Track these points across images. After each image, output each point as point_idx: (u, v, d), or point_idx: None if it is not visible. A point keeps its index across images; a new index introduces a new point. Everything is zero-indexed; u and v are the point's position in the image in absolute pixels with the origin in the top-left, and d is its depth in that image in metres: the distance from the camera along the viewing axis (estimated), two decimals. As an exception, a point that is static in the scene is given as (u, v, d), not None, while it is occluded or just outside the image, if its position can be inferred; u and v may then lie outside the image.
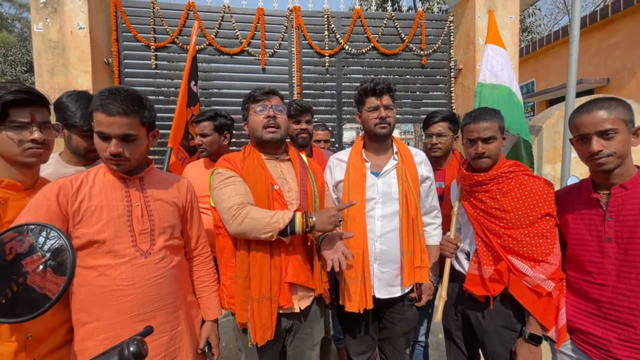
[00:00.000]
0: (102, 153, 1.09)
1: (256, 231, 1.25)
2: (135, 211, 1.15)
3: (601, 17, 6.61)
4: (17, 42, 16.11)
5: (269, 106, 1.40)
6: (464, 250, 1.58)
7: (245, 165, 1.39)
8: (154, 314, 1.13)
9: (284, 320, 1.40)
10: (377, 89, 1.54)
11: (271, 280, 1.31)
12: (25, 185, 1.07)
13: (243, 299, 1.33)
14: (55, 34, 2.89)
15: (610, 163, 1.14)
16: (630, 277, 1.11)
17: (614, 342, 1.13)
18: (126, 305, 1.08)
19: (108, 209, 1.10)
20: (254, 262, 1.31)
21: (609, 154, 1.13)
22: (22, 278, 0.57)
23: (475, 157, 1.44)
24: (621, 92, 6.32)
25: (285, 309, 1.36)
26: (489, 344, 1.44)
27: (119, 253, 1.08)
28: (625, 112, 1.13)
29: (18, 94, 1.01)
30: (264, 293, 1.30)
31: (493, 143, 1.41)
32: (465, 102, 3.56)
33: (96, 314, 1.06)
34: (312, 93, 3.72)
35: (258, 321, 1.29)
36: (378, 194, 1.56)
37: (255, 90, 1.44)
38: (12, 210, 1.02)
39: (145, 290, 1.11)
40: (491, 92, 1.94)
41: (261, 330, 1.28)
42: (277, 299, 1.32)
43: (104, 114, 1.04)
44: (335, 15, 3.57)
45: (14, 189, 1.04)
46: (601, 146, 1.13)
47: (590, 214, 1.22)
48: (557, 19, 15.96)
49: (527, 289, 1.30)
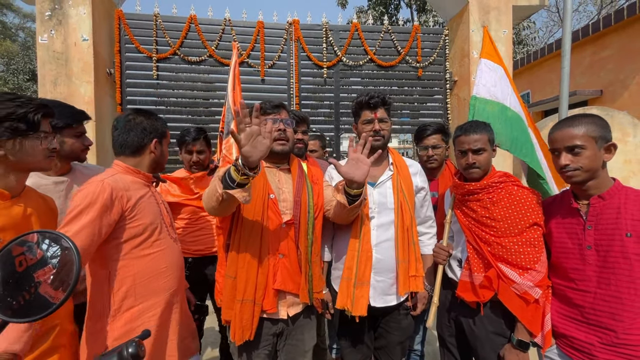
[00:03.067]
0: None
1: (211, 197, 1.21)
2: (161, 207, 1.40)
3: (593, 30, 6.77)
4: (20, 51, 16.31)
5: (279, 119, 1.44)
6: (457, 257, 1.61)
7: None
8: (180, 288, 1.42)
9: (270, 324, 1.42)
10: (371, 103, 1.58)
11: (256, 284, 1.35)
12: (12, 194, 1.09)
13: (229, 298, 1.38)
14: (59, 45, 2.96)
15: (577, 176, 1.21)
16: (610, 283, 1.16)
17: (597, 346, 1.17)
18: (166, 284, 1.34)
19: (149, 205, 1.33)
20: (242, 264, 1.36)
21: (575, 168, 1.20)
22: (33, 288, 0.60)
23: (466, 167, 1.50)
24: (614, 104, 6.44)
25: (270, 313, 1.39)
26: (481, 349, 1.46)
27: (162, 241, 1.34)
28: (596, 130, 1.19)
29: (45, 108, 1.11)
30: (248, 296, 1.34)
31: (483, 154, 1.47)
32: (461, 113, 3.63)
33: (142, 297, 1.27)
34: (311, 104, 3.79)
35: (239, 322, 1.34)
36: (374, 203, 1.60)
37: (265, 103, 1.47)
38: (1, 219, 1.03)
39: (176, 270, 1.39)
40: (484, 107, 1.98)
41: (240, 330, 1.34)
42: (260, 302, 1.35)
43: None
44: (334, 29, 3.67)
45: (1, 197, 1.06)
46: (568, 160, 1.21)
47: (572, 223, 1.27)
48: (552, 32, 16.27)
49: (515, 295, 1.34)
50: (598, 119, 1.22)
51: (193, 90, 3.51)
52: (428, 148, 2.08)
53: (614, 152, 1.21)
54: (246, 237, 1.37)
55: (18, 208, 1.09)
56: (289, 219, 1.42)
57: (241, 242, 1.37)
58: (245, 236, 1.37)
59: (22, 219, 1.09)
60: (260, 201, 1.38)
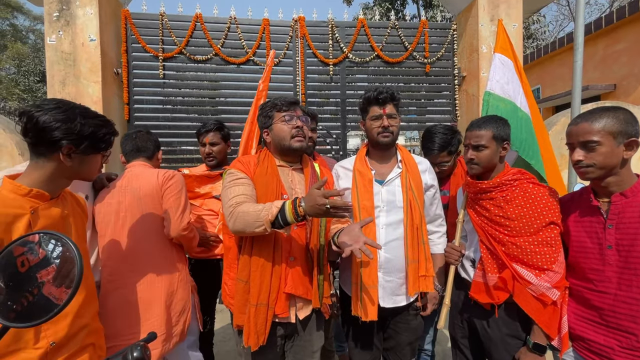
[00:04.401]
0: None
1: (249, 225, 1.22)
2: None
3: (606, 23, 6.61)
4: (30, 53, 16.57)
5: (296, 117, 1.43)
6: (469, 257, 1.57)
7: (259, 170, 1.41)
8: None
9: (281, 328, 1.41)
10: (380, 98, 1.54)
11: (270, 287, 1.32)
12: (52, 195, 1.10)
13: (242, 303, 1.35)
14: (67, 45, 2.98)
15: (590, 173, 1.16)
16: (632, 284, 1.10)
17: (616, 350, 1.13)
18: None
19: None
20: (255, 267, 1.33)
21: (588, 165, 1.15)
22: (36, 289, 0.59)
23: (467, 162, 1.50)
24: (628, 99, 6.28)
25: (282, 317, 1.36)
26: (495, 352, 1.42)
27: None
28: (616, 125, 1.12)
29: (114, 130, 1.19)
30: (262, 300, 1.31)
31: (483, 151, 1.44)
32: (470, 109, 3.56)
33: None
34: (317, 101, 3.75)
35: (253, 326, 1.31)
36: (382, 202, 1.57)
37: (279, 99, 1.46)
38: (43, 220, 1.04)
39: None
40: (498, 104, 1.94)
41: (255, 335, 1.31)
42: (274, 306, 1.33)
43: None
44: (340, 25, 3.62)
45: (42, 198, 1.06)
46: (581, 156, 1.16)
47: (591, 221, 1.22)
48: (562, 26, 15.97)
49: (531, 297, 1.29)
50: (623, 112, 1.14)
51: (199, 89, 3.50)
52: (434, 165, 1.93)
53: (635, 149, 1.14)
54: (259, 240, 1.34)
55: (56, 209, 1.10)
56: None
57: (254, 245, 1.34)
58: (258, 239, 1.34)
59: (60, 219, 1.11)
60: (272, 201, 1.35)
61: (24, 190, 1.02)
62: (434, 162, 1.95)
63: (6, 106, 15.98)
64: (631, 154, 1.15)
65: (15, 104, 15.54)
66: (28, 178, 1.05)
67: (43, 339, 1.03)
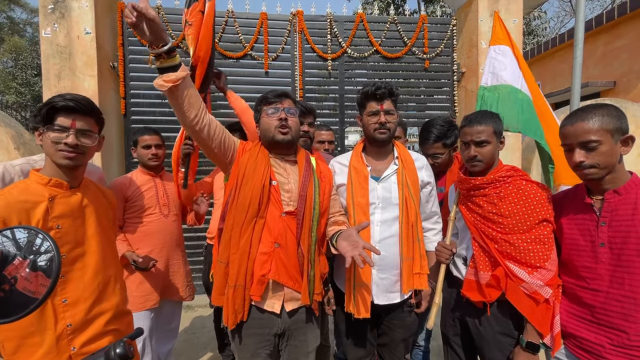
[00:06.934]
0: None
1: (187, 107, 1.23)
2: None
3: (607, 19, 6.56)
4: (28, 46, 16.45)
5: (281, 108, 1.41)
6: (461, 255, 1.57)
7: (250, 153, 1.40)
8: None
9: (269, 322, 1.38)
10: (377, 94, 1.51)
11: (247, 270, 1.33)
12: (70, 184, 1.18)
13: (221, 284, 1.37)
14: (62, 39, 2.95)
15: (594, 174, 1.13)
16: (624, 282, 1.10)
17: (607, 348, 1.12)
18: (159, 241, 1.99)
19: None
20: (234, 250, 1.34)
21: (591, 165, 1.12)
22: (7, 285, 0.58)
23: (468, 160, 1.44)
24: (628, 96, 6.25)
25: (258, 302, 1.36)
26: (487, 350, 1.42)
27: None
28: (612, 122, 1.10)
29: (65, 101, 1.13)
30: (240, 282, 1.33)
31: (486, 147, 1.41)
32: (469, 105, 3.55)
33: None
34: (315, 97, 3.74)
35: (231, 306, 1.33)
36: (377, 198, 1.56)
37: (268, 93, 1.45)
38: (59, 207, 1.13)
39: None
40: (492, 94, 1.93)
41: (233, 315, 1.33)
42: (249, 287, 1.33)
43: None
44: (338, 19, 3.59)
45: (60, 187, 1.15)
46: (583, 157, 1.13)
47: (584, 219, 1.21)
48: (563, 22, 15.87)
49: (524, 295, 1.29)
50: (613, 109, 1.13)
51: (196, 83, 3.48)
52: (428, 156, 1.93)
53: (631, 145, 1.13)
54: (240, 222, 1.33)
55: (76, 197, 1.18)
56: (291, 210, 1.38)
57: (234, 227, 1.34)
58: (239, 221, 1.33)
59: (78, 208, 1.18)
60: (258, 186, 1.33)
61: (45, 179, 1.13)
62: (427, 152, 1.94)
63: (3, 100, 15.89)
64: (628, 150, 1.13)
65: (13, 97, 15.46)
66: (49, 168, 1.15)
67: (61, 320, 1.10)
